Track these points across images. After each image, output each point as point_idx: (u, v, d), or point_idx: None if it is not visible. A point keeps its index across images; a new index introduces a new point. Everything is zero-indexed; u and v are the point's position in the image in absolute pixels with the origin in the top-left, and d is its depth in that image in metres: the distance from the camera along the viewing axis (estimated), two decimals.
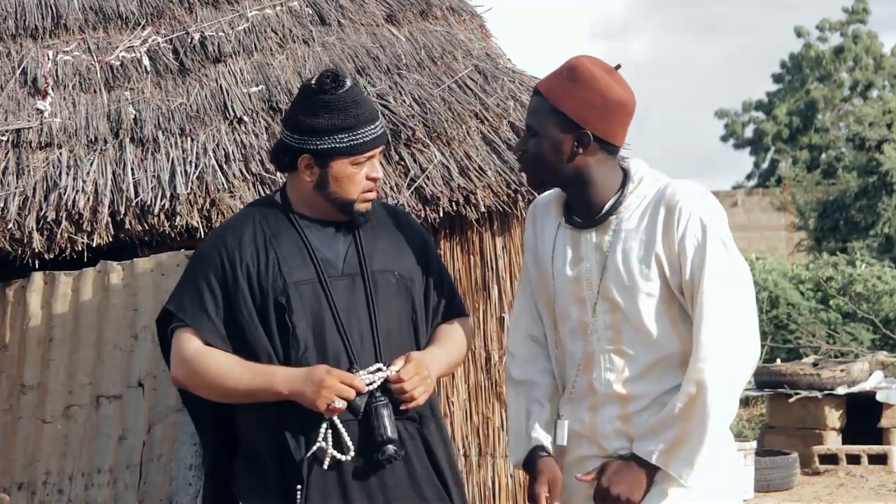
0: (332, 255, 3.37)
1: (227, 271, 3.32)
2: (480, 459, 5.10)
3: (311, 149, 3.32)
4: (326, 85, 3.33)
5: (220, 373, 3.28)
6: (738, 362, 3.04)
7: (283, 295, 3.29)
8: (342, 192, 3.34)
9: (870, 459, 9.66)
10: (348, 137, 3.30)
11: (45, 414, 4.62)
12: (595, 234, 3.15)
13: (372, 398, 3.25)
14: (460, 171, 5.07)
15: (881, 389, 9.96)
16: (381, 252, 3.40)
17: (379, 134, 3.35)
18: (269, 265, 3.32)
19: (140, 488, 4.46)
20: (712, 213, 3.08)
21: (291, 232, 3.37)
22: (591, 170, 3.13)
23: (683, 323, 3.09)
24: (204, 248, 3.47)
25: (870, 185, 20.99)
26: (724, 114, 33.46)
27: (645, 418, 3.09)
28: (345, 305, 3.32)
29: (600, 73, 3.10)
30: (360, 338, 3.31)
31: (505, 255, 5.20)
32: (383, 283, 3.36)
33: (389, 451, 3.22)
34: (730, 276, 3.05)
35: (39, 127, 5.22)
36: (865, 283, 14.90)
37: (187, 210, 4.91)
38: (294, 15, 5.81)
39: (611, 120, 3.10)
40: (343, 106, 3.31)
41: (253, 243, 3.34)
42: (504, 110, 5.31)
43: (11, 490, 4.58)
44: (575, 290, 3.16)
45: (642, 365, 3.10)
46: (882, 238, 20.29)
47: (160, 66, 5.56)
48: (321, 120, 3.31)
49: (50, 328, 4.68)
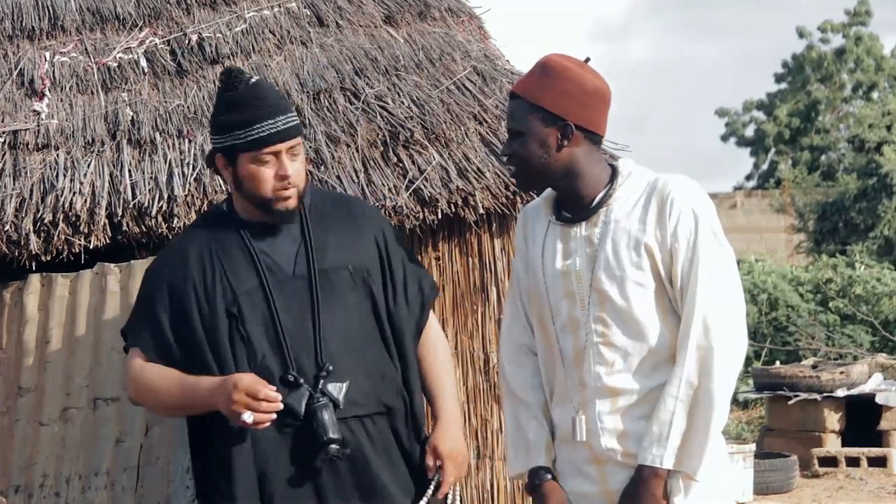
0: (283, 258, 3.36)
1: (174, 296, 3.34)
2: (479, 462, 5.09)
3: (219, 146, 3.34)
4: (227, 82, 3.33)
5: (154, 387, 3.33)
6: (734, 353, 3.06)
7: (234, 305, 3.30)
8: (255, 191, 3.32)
9: (869, 462, 9.64)
10: (244, 133, 3.28)
11: (42, 416, 4.60)
12: (585, 227, 3.17)
13: (312, 400, 3.24)
14: (459, 173, 5.06)
15: (880, 392, 9.95)
16: (332, 247, 3.37)
17: (281, 129, 3.29)
18: (217, 278, 3.32)
19: (137, 491, 4.45)
20: (703, 205, 3.12)
21: (237, 240, 3.37)
22: (578, 162, 3.16)
23: (673, 317, 3.11)
24: (152, 268, 3.50)
25: (869, 187, 20.99)
26: (724, 112, 33.48)
27: (635, 414, 3.10)
28: (297, 308, 3.31)
29: (572, 65, 3.16)
30: (307, 343, 3.30)
31: (503, 256, 5.19)
32: (337, 279, 3.34)
33: (332, 451, 3.23)
34: (721, 269, 3.08)
35: (36, 128, 5.22)
36: (865, 285, 14.90)
37: (185, 212, 4.90)
38: (292, 16, 5.80)
39: (590, 108, 3.14)
40: (242, 102, 3.29)
41: (199, 260, 3.35)
42: (503, 112, 5.30)
43: (8, 493, 4.57)
44: (565, 285, 3.17)
45: (632, 358, 3.11)
46: (881, 240, 20.28)
47: (157, 68, 5.55)
48: (225, 117, 3.32)
49: (47, 330, 4.67)
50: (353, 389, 3.30)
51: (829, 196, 22.64)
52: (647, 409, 3.09)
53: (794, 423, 10.09)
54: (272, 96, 3.36)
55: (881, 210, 20.31)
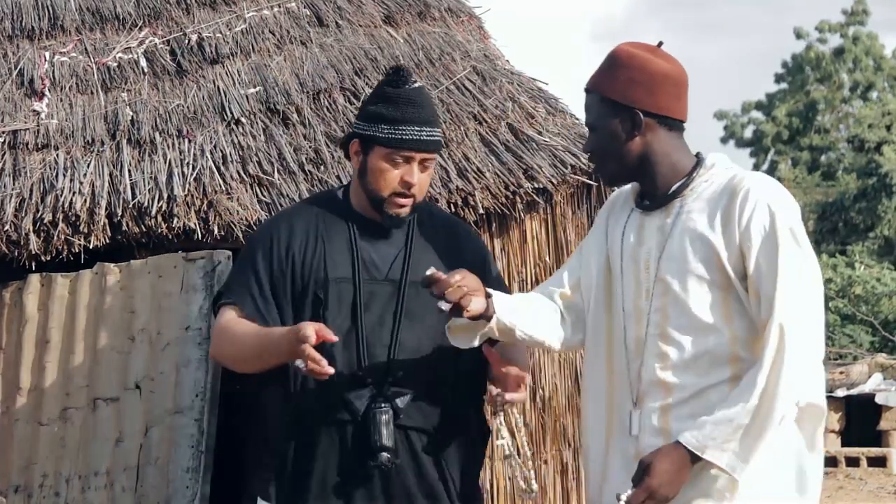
0: (380, 257, 3.37)
1: (275, 255, 3.35)
2: None
3: (360, 133, 3.37)
4: (391, 77, 3.37)
5: (234, 337, 3.31)
6: (807, 367, 2.94)
7: (322, 289, 3.31)
8: (375, 186, 3.34)
9: (869, 462, 9.66)
10: (389, 129, 3.31)
11: (42, 416, 4.60)
12: (659, 216, 3.10)
13: (373, 402, 3.23)
14: (458, 173, 5.06)
15: (880, 392, 9.97)
16: (429, 263, 3.32)
17: (424, 139, 3.33)
18: (316, 258, 3.34)
19: (137, 491, 4.44)
20: (782, 202, 2.99)
21: (344, 228, 3.38)
22: (653, 150, 3.09)
23: (738, 317, 3.00)
24: (258, 232, 3.57)
25: (869, 186, 21.01)
26: (723, 115, 33.48)
27: (683, 413, 2.98)
28: (378, 311, 3.32)
29: (639, 51, 3.09)
30: (383, 346, 3.30)
31: (503, 257, 5.18)
32: (425, 293, 3.26)
33: (382, 459, 3.20)
34: (801, 272, 2.95)
35: (36, 128, 5.22)
36: (865, 285, 14.92)
37: (184, 212, 4.89)
38: (292, 16, 5.80)
39: (658, 93, 3.06)
40: (398, 100, 3.33)
41: (304, 233, 3.37)
42: (502, 112, 5.30)
43: (8, 493, 4.57)
44: (635, 272, 3.11)
45: (687, 353, 3.00)
46: (881, 240, 20.31)
47: (157, 68, 5.55)
48: (375, 108, 3.35)
49: (46, 330, 4.66)
50: (415, 402, 3.29)
51: (829, 196, 22.66)
52: (696, 409, 2.96)
53: None
54: (428, 106, 3.40)
55: (881, 210, 20.34)
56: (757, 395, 2.88)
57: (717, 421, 2.90)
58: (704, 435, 2.90)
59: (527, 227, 5.21)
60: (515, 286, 5.14)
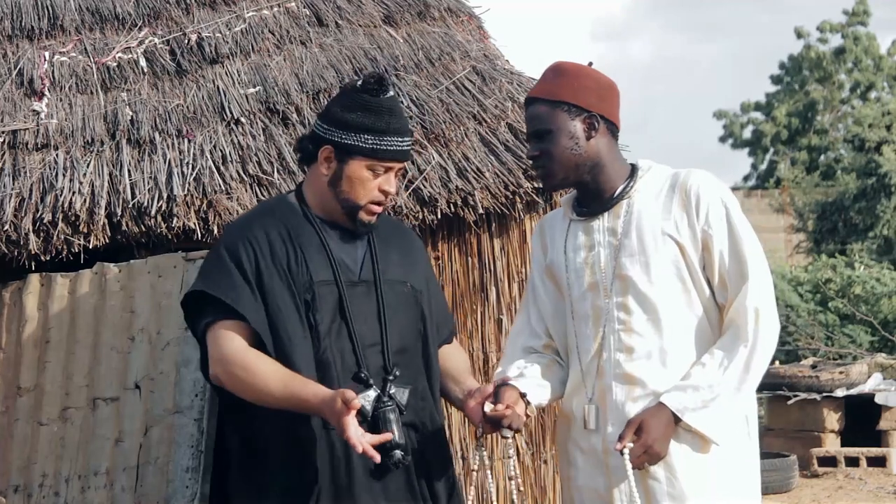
0: (350, 259, 3.38)
1: (257, 261, 3.30)
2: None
3: (336, 141, 3.33)
4: (370, 85, 3.35)
5: (255, 374, 3.20)
6: (773, 342, 3.17)
7: (308, 292, 3.30)
8: (352, 194, 3.34)
9: (869, 462, 9.64)
10: (373, 140, 3.31)
11: (42, 416, 4.60)
12: (608, 218, 3.24)
13: (380, 402, 3.24)
14: (458, 173, 5.06)
15: (880, 391, 9.95)
16: (394, 263, 3.42)
17: (404, 149, 3.36)
18: (298, 261, 3.32)
19: (137, 491, 4.44)
20: (729, 195, 3.20)
21: (311, 231, 3.37)
22: (603, 154, 3.24)
23: (709, 310, 3.19)
24: (228, 240, 3.39)
25: (869, 186, 20.97)
26: (722, 115, 33.45)
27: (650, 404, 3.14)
28: (359, 312, 3.33)
29: (580, 65, 3.27)
30: (371, 346, 3.33)
31: (503, 256, 5.19)
32: (398, 293, 3.39)
33: (397, 457, 3.20)
34: (761, 256, 3.17)
35: (36, 128, 5.21)
36: (864, 284, 14.90)
37: (184, 212, 4.89)
38: (291, 16, 5.80)
39: (607, 100, 3.25)
40: (378, 109, 3.32)
41: (280, 238, 3.34)
42: (502, 111, 5.30)
43: (8, 492, 4.57)
44: (589, 276, 3.23)
45: (653, 346, 3.16)
46: (881, 240, 20.28)
47: (157, 68, 5.55)
48: (354, 116, 3.32)
49: (46, 330, 4.66)
50: (411, 397, 3.35)
51: (829, 196, 22.63)
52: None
53: (793, 422, 10.09)
54: (403, 115, 3.44)
55: (880, 210, 20.31)
56: (736, 367, 3.11)
57: (696, 387, 3.10)
58: (687, 399, 3.09)
59: (527, 227, 5.21)
60: (515, 286, 5.15)
